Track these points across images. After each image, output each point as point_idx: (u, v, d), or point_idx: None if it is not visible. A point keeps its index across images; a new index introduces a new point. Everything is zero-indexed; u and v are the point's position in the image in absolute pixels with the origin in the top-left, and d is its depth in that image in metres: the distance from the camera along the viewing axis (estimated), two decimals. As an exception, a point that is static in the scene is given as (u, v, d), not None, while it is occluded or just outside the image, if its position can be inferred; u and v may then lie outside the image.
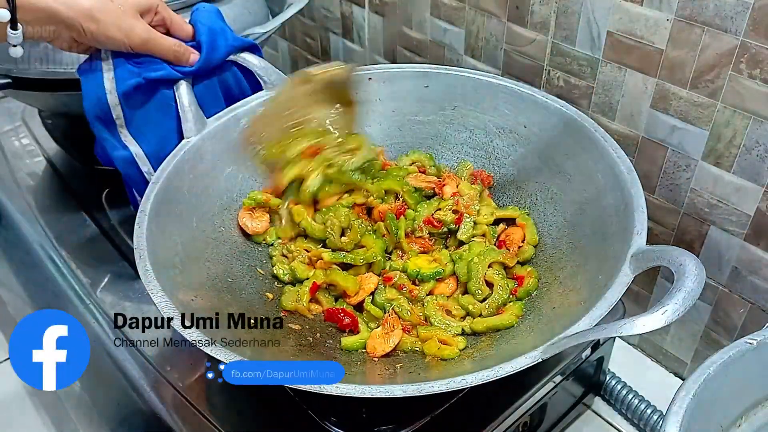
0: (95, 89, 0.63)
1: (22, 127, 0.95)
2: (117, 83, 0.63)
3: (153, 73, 0.65)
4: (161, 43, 0.64)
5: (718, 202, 0.64)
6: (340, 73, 0.64)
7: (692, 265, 0.42)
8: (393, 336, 0.55)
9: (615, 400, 0.70)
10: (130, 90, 0.64)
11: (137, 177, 0.67)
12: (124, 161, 0.66)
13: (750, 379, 0.45)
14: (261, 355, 0.50)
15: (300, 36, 1.15)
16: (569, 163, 0.63)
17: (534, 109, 0.67)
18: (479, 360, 0.52)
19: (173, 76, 0.66)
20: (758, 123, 0.58)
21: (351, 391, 0.42)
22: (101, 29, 0.60)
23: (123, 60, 0.64)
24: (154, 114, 0.66)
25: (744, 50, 0.56)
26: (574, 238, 0.59)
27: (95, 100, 0.64)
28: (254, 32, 0.77)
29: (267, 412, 0.55)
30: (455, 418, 0.53)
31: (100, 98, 0.63)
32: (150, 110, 0.66)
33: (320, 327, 0.58)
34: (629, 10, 0.63)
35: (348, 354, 0.55)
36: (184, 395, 0.57)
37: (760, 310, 0.65)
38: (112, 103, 0.64)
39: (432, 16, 0.85)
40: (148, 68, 0.64)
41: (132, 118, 0.66)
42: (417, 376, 0.51)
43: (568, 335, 0.43)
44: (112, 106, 0.64)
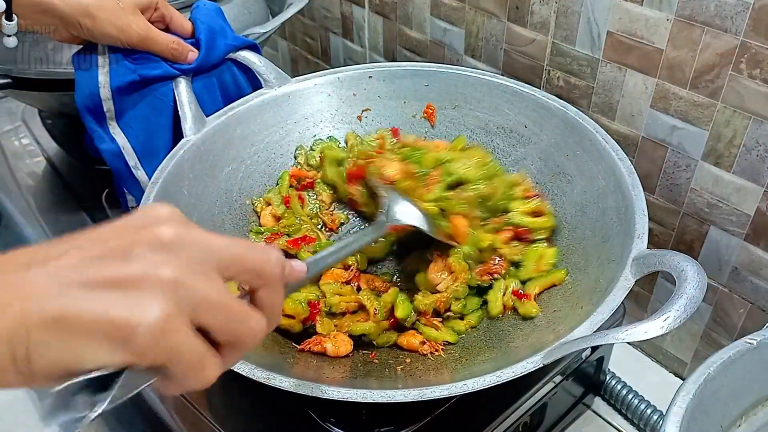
0: (88, 81, 0.64)
1: (22, 127, 0.95)
2: (111, 78, 0.63)
3: (149, 71, 0.65)
4: (158, 41, 0.64)
5: (718, 202, 0.64)
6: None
7: (693, 271, 0.42)
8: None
9: (615, 400, 0.70)
10: (123, 86, 0.64)
11: (124, 171, 0.67)
12: (111, 154, 0.67)
13: (750, 379, 0.45)
14: (262, 355, 0.50)
15: (300, 36, 1.15)
16: (570, 163, 0.63)
17: (535, 109, 0.67)
18: (480, 364, 0.52)
19: (170, 74, 0.66)
20: (758, 123, 0.58)
21: (353, 396, 0.42)
22: (98, 26, 0.60)
23: (120, 56, 0.63)
24: (145, 110, 0.66)
25: (744, 50, 0.56)
26: (574, 239, 0.59)
27: (87, 92, 0.64)
28: (254, 32, 0.77)
29: (267, 412, 0.55)
30: (455, 419, 0.53)
31: (92, 91, 0.64)
32: (141, 106, 0.66)
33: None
34: (629, 10, 0.63)
35: (348, 356, 0.55)
36: (184, 395, 0.57)
37: (760, 310, 0.65)
38: (103, 96, 0.64)
39: (432, 16, 0.85)
40: (145, 66, 0.64)
41: (122, 113, 0.66)
42: (418, 380, 0.51)
43: (569, 341, 0.43)
44: (104, 99, 0.64)
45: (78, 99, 0.64)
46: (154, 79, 0.65)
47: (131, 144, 0.66)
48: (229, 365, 0.31)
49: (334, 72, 0.73)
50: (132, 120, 0.66)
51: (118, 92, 0.64)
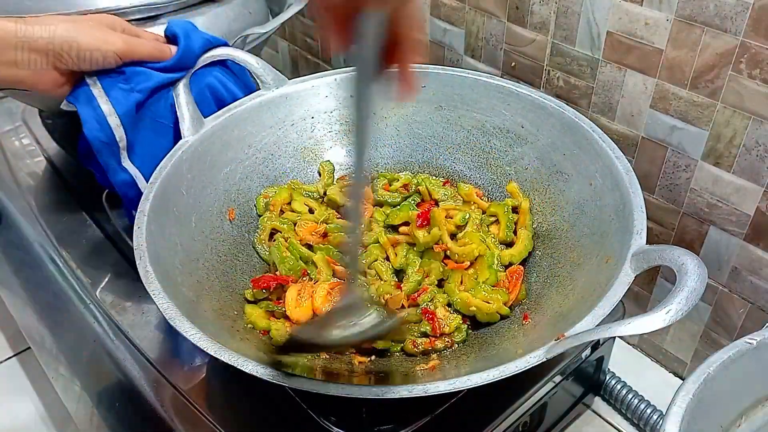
0: (93, 114, 0.62)
1: (22, 127, 0.95)
2: (115, 106, 0.62)
3: (144, 83, 0.64)
4: (142, 42, 0.64)
5: (717, 202, 0.64)
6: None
7: (694, 265, 0.42)
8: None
9: (615, 400, 0.70)
10: (129, 110, 0.63)
11: (137, 199, 0.64)
12: (124, 184, 0.65)
13: (750, 379, 0.45)
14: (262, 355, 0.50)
15: (300, 36, 1.15)
16: (567, 163, 0.63)
17: (532, 110, 0.67)
18: (481, 360, 0.52)
19: (164, 81, 0.65)
20: (758, 123, 0.58)
21: (356, 392, 0.42)
22: (83, 45, 0.59)
23: (111, 81, 0.62)
24: (149, 135, 0.66)
25: (744, 50, 0.56)
26: (573, 238, 0.59)
27: (96, 125, 0.62)
28: (254, 32, 0.77)
29: (267, 411, 0.55)
30: (455, 418, 0.53)
31: (101, 122, 0.62)
32: (145, 131, 0.65)
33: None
34: (629, 10, 0.63)
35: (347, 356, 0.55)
36: (184, 395, 0.57)
37: (760, 310, 0.65)
38: (113, 124, 0.62)
39: (432, 16, 0.85)
40: (138, 79, 0.64)
41: (133, 139, 0.65)
42: (419, 376, 0.51)
43: (572, 335, 0.43)
44: (114, 127, 0.63)
45: (89, 134, 0.62)
46: (153, 91, 0.64)
47: (141, 171, 0.65)
48: None
49: (332, 74, 0.73)
50: (138, 146, 0.65)
51: (126, 118, 0.63)
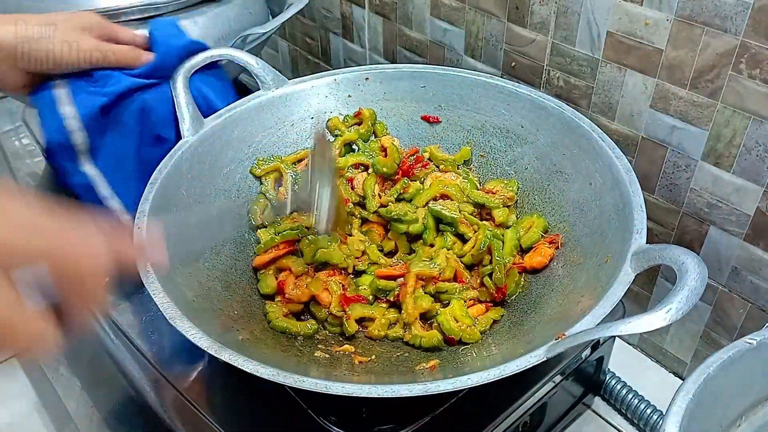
0: (52, 115, 0.61)
1: (22, 127, 0.95)
2: (78, 108, 0.61)
3: (113, 87, 0.63)
4: (114, 48, 0.63)
5: (717, 202, 0.64)
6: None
7: (694, 263, 0.42)
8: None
9: (615, 400, 0.70)
10: (94, 113, 0.62)
11: (95, 202, 0.64)
12: (81, 187, 0.64)
13: (750, 379, 0.45)
14: (263, 354, 0.50)
15: (300, 36, 1.15)
16: (567, 162, 0.63)
17: (531, 110, 0.67)
18: (481, 359, 0.52)
19: (134, 86, 0.64)
20: (758, 123, 0.58)
21: (357, 391, 0.42)
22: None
23: (81, 83, 0.62)
24: (113, 137, 0.65)
25: (744, 50, 0.56)
26: (573, 237, 0.59)
27: (54, 126, 0.61)
28: (254, 32, 0.77)
29: (267, 411, 0.55)
30: (455, 418, 0.53)
31: (59, 126, 0.61)
32: (109, 135, 0.64)
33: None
34: (629, 10, 0.63)
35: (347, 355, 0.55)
36: (184, 395, 0.57)
37: (760, 310, 0.65)
38: (71, 128, 0.61)
39: (432, 16, 0.85)
40: (107, 83, 0.63)
41: (98, 143, 0.63)
42: (420, 376, 0.51)
43: (572, 334, 0.43)
44: (72, 131, 0.61)
45: (47, 136, 0.61)
46: (121, 95, 0.63)
47: (105, 175, 0.64)
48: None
49: (331, 74, 0.73)
50: (104, 150, 0.64)
51: (90, 122, 0.62)
